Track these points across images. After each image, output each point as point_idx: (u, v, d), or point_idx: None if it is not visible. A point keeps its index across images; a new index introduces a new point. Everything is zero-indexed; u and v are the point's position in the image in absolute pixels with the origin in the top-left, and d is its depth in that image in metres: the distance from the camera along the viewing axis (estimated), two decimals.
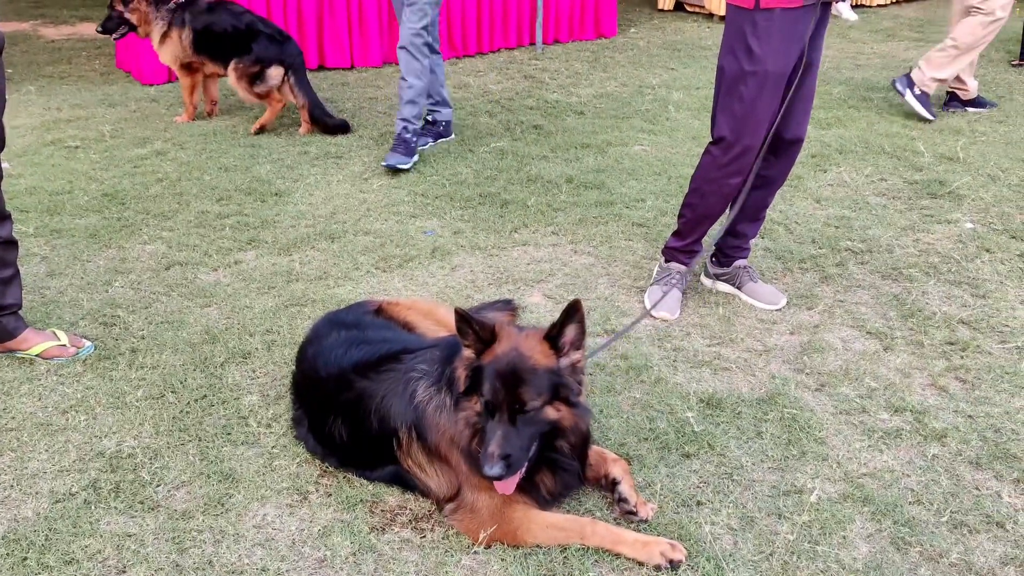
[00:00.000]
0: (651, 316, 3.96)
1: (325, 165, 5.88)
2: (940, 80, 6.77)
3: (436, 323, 3.34)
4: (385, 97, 7.54)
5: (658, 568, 2.55)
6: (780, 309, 4.08)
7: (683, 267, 4.13)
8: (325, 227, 4.93)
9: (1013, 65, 8.70)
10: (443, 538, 2.70)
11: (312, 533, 2.72)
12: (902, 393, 3.45)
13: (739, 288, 4.18)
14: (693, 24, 10.65)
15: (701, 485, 2.93)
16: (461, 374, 2.63)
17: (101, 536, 2.69)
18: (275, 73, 6.37)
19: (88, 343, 3.69)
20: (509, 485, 2.58)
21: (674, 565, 2.55)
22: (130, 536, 2.69)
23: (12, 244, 3.57)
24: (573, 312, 2.53)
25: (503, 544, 2.65)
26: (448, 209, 5.20)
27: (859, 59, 9.07)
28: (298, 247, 4.68)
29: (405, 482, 2.85)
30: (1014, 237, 4.82)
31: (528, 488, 2.69)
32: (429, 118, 6.34)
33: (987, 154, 6.11)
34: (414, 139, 5.86)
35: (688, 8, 11.35)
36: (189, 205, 5.20)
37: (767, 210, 4.17)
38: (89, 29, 9.91)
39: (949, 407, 3.37)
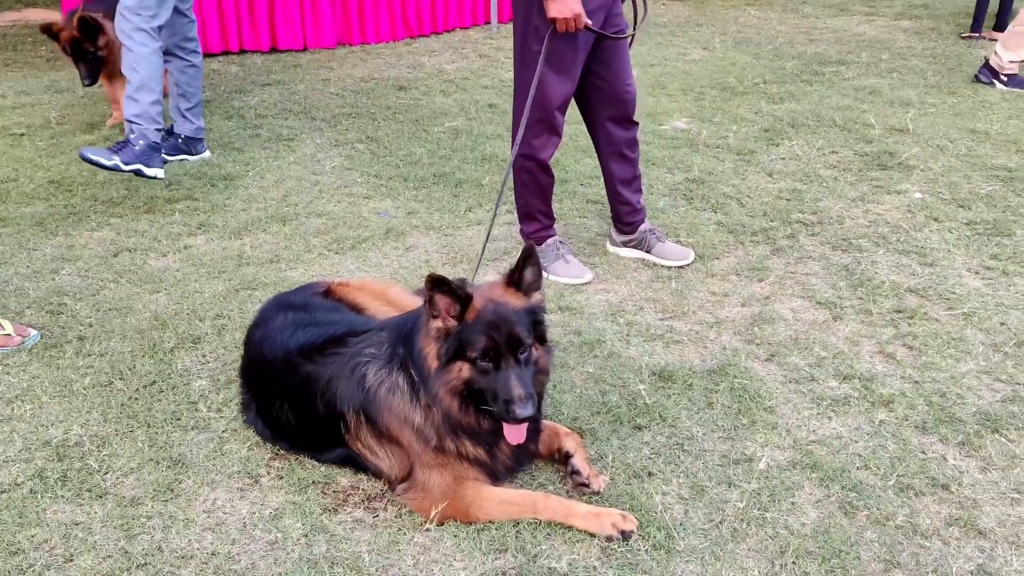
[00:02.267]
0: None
1: (276, 148, 5.82)
2: (1020, 61, 7.02)
3: (387, 303, 3.32)
4: (338, 79, 7.47)
5: (610, 539, 2.57)
6: (690, 264, 4.24)
7: (555, 236, 4.27)
8: (277, 210, 4.88)
9: (963, 37, 8.81)
10: (396, 517, 2.70)
11: (263, 516, 2.70)
12: (851, 361, 3.49)
13: (648, 251, 4.29)
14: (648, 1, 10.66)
15: (652, 456, 2.94)
16: (431, 349, 2.61)
17: (48, 525, 2.65)
18: None
19: (34, 332, 3.62)
20: (522, 433, 2.60)
21: (625, 535, 2.57)
22: (77, 524, 2.66)
23: None
24: (529, 256, 2.62)
25: (456, 521, 2.65)
26: (402, 190, 5.17)
27: (812, 34, 9.14)
28: (249, 231, 4.63)
29: (356, 463, 2.84)
30: (962, 206, 4.89)
31: (487, 457, 2.70)
32: (168, 127, 5.50)
33: (936, 125, 6.19)
34: (140, 142, 4.85)
35: None
36: (138, 191, 5.11)
37: (639, 171, 4.31)
38: (36, 15, 9.69)
39: (896, 374, 3.42)
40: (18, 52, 8.24)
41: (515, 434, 2.59)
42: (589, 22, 3.69)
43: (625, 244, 4.35)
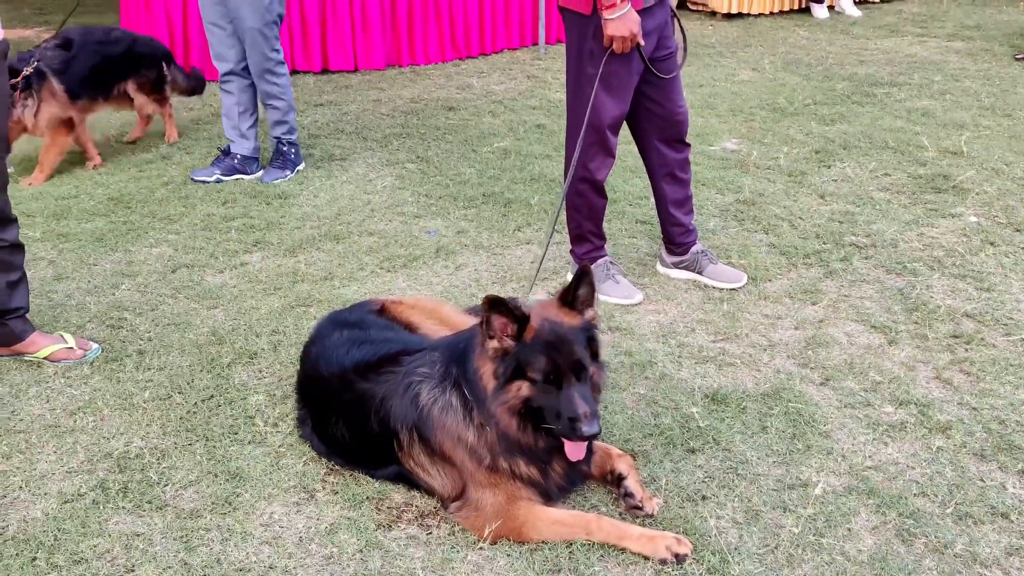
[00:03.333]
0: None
1: (329, 167, 5.90)
2: None
3: (439, 322, 3.35)
4: (389, 99, 7.56)
5: (664, 562, 2.56)
6: (743, 286, 4.22)
7: (606, 257, 4.27)
8: (330, 228, 4.95)
9: (1017, 59, 8.69)
10: (449, 534, 2.72)
11: (319, 531, 2.73)
12: (906, 386, 3.45)
13: (700, 273, 4.29)
14: (696, 22, 10.64)
15: (706, 480, 2.93)
16: (487, 369, 2.64)
17: (109, 536, 2.71)
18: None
19: (95, 345, 3.71)
20: (583, 450, 2.62)
21: (680, 559, 2.56)
22: (138, 535, 2.71)
23: (19, 248, 3.61)
24: (583, 276, 2.65)
25: (509, 540, 2.66)
26: (452, 209, 5.21)
27: (862, 55, 9.06)
28: (303, 248, 4.70)
29: (409, 480, 2.87)
30: (1018, 230, 4.82)
31: (541, 477, 2.71)
32: (224, 147, 5.79)
33: (991, 148, 6.11)
34: (292, 149, 5.72)
35: (691, 6, 11.33)
36: (195, 208, 5.22)
37: (691, 192, 4.34)
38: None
39: (953, 400, 3.37)
40: None
41: (576, 451, 2.61)
42: (643, 42, 3.71)
43: (676, 265, 4.34)
